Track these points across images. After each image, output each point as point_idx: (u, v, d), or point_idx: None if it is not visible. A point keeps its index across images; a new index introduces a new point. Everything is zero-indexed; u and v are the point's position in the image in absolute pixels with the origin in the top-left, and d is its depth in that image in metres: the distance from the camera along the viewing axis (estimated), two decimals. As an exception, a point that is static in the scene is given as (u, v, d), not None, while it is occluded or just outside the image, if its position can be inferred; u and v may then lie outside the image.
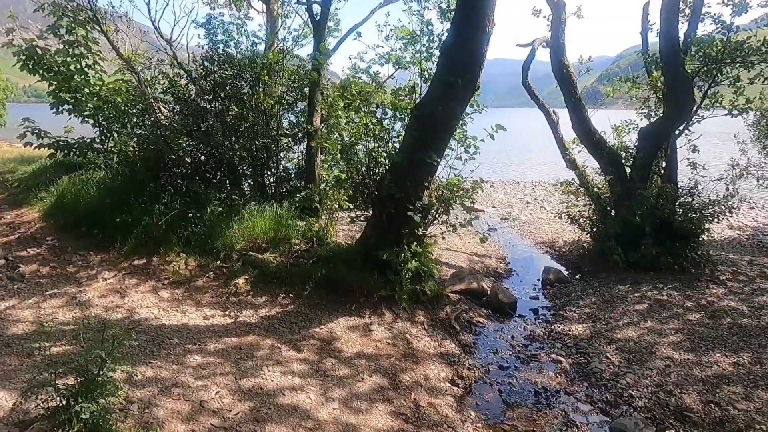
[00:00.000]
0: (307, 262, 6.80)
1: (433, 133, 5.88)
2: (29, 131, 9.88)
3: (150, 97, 9.25)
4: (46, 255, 6.89)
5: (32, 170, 10.42)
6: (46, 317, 5.24)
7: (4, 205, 8.66)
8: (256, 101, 8.36)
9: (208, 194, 7.49)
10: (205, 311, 5.69)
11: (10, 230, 7.61)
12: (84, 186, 8.13)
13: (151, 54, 9.89)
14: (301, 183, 9.03)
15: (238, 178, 8.20)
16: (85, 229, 7.24)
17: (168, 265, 6.73)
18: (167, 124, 7.88)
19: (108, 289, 6.05)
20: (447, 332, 5.81)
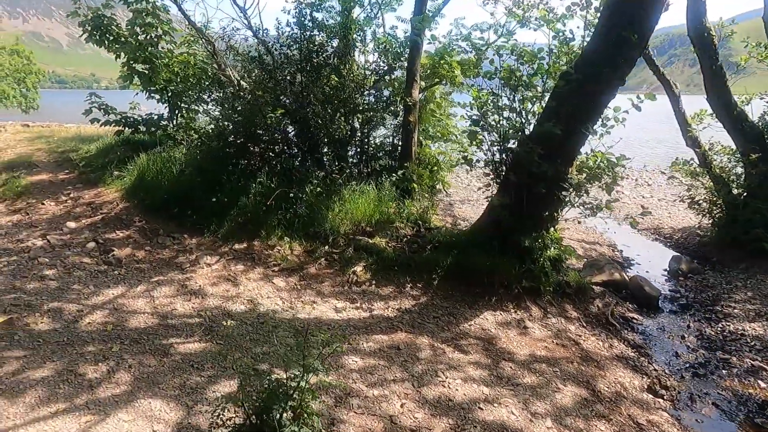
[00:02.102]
0: (425, 248, 6.08)
1: (593, 99, 5.06)
2: (96, 107, 9.33)
3: (227, 68, 8.56)
4: (138, 238, 6.28)
5: (96, 149, 9.83)
6: (163, 308, 4.60)
7: (77, 184, 8.09)
8: (349, 71, 7.59)
9: (307, 173, 6.78)
10: (332, 302, 5.01)
11: (91, 211, 7.02)
12: (165, 164, 7.49)
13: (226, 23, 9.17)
14: (391, 161, 8.27)
15: (341, 156, 7.46)
16: (176, 210, 6.59)
17: (271, 249, 6.07)
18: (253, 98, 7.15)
19: (216, 276, 5.41)
20: (608, 330, 5.04)
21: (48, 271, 5.30)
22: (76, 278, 5.17)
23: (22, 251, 5.80)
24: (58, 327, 4.13)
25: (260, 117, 6.79)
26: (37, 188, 7.89)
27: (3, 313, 4.31)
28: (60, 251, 5.84)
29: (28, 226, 6.59)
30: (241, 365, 3.37)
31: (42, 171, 8.96)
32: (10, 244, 6.02)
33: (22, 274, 5.17)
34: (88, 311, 4.44)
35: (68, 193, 7.62)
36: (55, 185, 8.09)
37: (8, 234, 6.33)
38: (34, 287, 4.89)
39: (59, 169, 9.10)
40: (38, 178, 8.40)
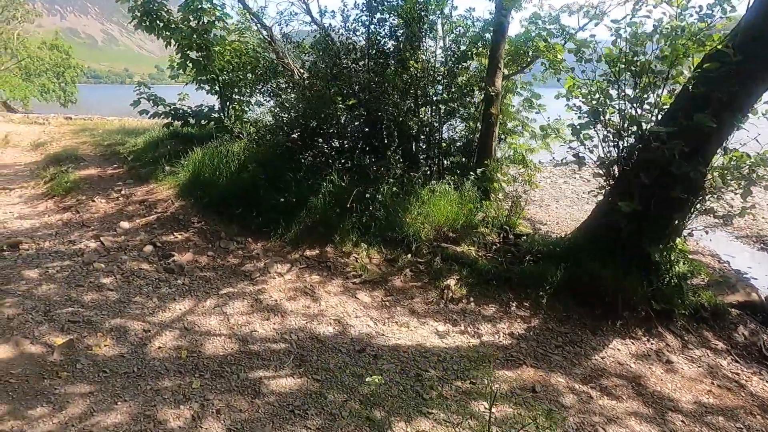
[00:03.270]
0: (522, 259, 5.28)
1: (753, 83, 4.17)
2: (144, 98, 8.81)
3: (285, 56, 7.89)
4: (198, 241, 5.65)
5: (143, 142, 9.33)
6: (241, 329, 3.93)
7: (128, 180, 7.54)
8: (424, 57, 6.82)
9: (382, 170, 6.04)
10: (431, 324, 4.26)
11: (145, 209, 6.44)
12: (222, 159, 6.86)
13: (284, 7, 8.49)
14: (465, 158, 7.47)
15: (418, 152, 6.70)
16: (240, 210, 5.94)
17: (347, 257, 5.36)
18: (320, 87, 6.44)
19: (292, 289, 4.72)
20: (766, 367, 4.16)
21: (105, 279, 4.70)
22: (136, 288, 4.56)
23: (75, 254, 5.23)
24: (124, 352, 3.49)
25: (330, 108, 6.07)
26: (86, 184, 7.38)
27: (61, 331, 3.71)
28: (115, 255, 5.25)
29: (80, 226, 6.04)
30: (351, 412, 2.66)
31: (89, 165, 8.48)
32: (62, 245, 5.47)
33: (78, 283, 4.58)
34: (156, 331, 3.80)
35: (119, 190, 7.07)
36: (105, 181, 7.57)
37: (59, 234, 5.78)
38: (92, 299, 4.28)
39: (107, 164, 8.62)
40: (86, 173, 7.91)
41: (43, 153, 10.09)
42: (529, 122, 7.66)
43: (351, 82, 6.24)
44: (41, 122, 15.17)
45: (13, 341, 3.49)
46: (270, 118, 7.90)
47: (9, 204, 6.91)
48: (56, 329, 3.75)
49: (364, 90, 6.23)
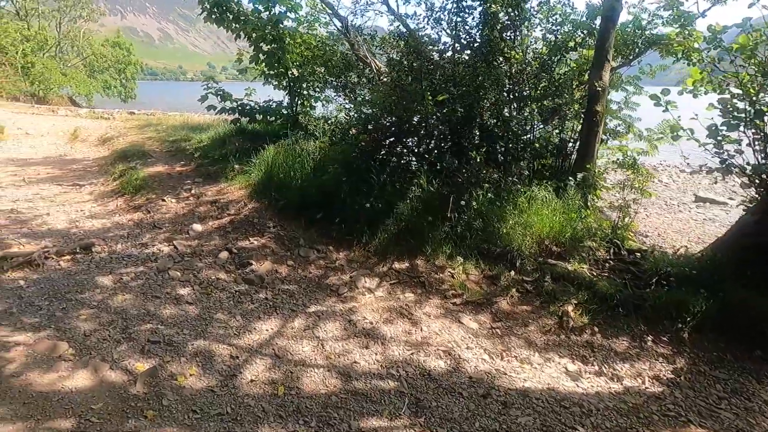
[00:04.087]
0: (647, 281, 4.51)
1: None
2: (212, 93, 8.48)
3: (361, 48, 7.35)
4: (275, 248, 5.19)
5: (208, 138, 9.04)
6: (339, 359, 3.39)
7: (196, 178, 7.22)
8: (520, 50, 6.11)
9: (477, 174, 5.38)
10: (558, 361, 3.59)
11: (217, 211, 6.05)
12: (297, 159, 6.39)
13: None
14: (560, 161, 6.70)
15: (515, 154, 6.01)
16: (321, 215, 5.44)
17: (441, 272, 4.75)
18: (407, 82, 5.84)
19: (385, 309, 4.16)
20: None
21: (182, 289, 4.29)
22: (216, 302, 4.11)
23: (149, 259, 4.87)
24: (213, 385, 3.01)
25: (420, 104, 5.46)
26: (155, 181, 7.10)
27: (142, 354, 3.28)
28: (190, 261, 4.85)
29: (151, 227, 5.71)
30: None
31: (157, 162, 8.24)
32: (134, 249, 5.13)
33: (154, 293, 4.19)
34: (245, 359, 3.31)
35: (189, 189, 6.73)
36: (173, 179, 7.27)
37: (131, 236, 5.46)
38: (171, 314, 3.86)
39: (174, 160, 8.35)
40: (154, 170, 7.64)
41: (110, 148, 10.00)
42: (632, 121, 6.80)
43: (444, 77, 5.60)
44: (106, 117, 15.37)
45: (91, 366, 3.08)
46: (344, 115, 7.40)
47: (80, 201, 6.70)
48: (136, 351, 3.32)
49: (458, 85, 5.58)
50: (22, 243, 5.08)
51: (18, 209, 6.17)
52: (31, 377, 2.94)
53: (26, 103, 22.68)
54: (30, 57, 29.55)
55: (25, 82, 28.62)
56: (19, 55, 28.59)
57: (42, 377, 2.95)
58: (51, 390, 2.84)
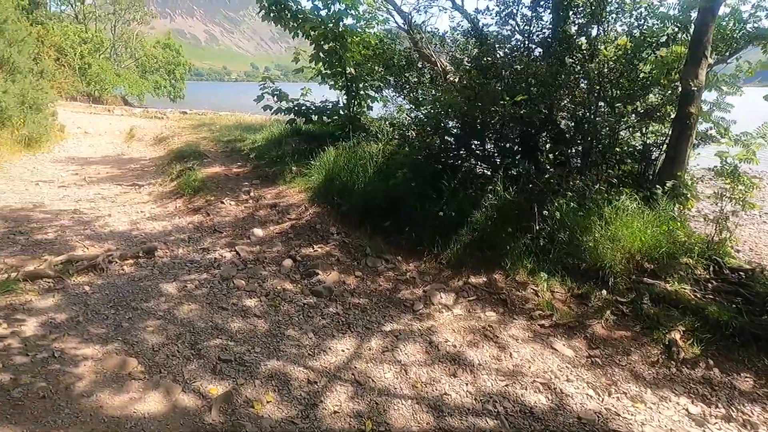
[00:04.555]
0: (764, 305, 3.96)
1: None
2: (268, 93, 8.33)
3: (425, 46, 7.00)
4: (340, 257, 4.90)
5: (263, 139, 8.91)
6: (426, 389, 3.05)
7: (254, 180, 7.04)
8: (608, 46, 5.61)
9: (560, 180, 4.94)
10: (676, 401, 3.12)
11: (277, 215, 5.83)
12: (358, 162, 6.11)
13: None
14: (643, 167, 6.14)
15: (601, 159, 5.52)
16: (389, 223, 5.12)
17: (522, 288, 4.34)
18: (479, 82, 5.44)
19: (467, 329, 3.79)
20: None
21: (248, 300, 4.05)
22: (286, 317, 3.85)
23: (212, 266, 4.68)
24: (293, 416, 2.72)
25: (497, 105, 5.06)
26: (213, 183, 6.97)
27: (213, 374, 3.03)
28: (254, 269, 4.62)
29: (211, 231, 5.53)
30: None
31: (213, 162, 8.14)
32: (196, 254, 4.95)
33: (220, 304, 3.96)
34: (324, 384, 3.02)
35: (247, 191, 6.55)
36: (231, 180, 7.12)
37: (192, 239, 5.30)
38: (240, 328, 3.61)
39: (230, 161, 8.24)
40: (212, 171, 7.53)
41: (166, 148, 10.04)
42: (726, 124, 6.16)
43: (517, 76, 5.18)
44: (160, 117, 15.62)
45: (163, 387, 2.84)
46: (406, 116, 7.07)
47: (140, 202, 6.63)
48: (207, 370, 3.08)
49: (536, 84, 5.15)
50: (86, 245, 4.98)
51: (81, 209, 6.14)
52: (102, 398, 2.73)
53: (84, 103, 23.49)
54: (87, 58, 30.66)
55: (82, 82, 29.72)
56: (77, 56, 29.71)
57: (113, 399, 2.74)
58: (123, 414, 2.62)
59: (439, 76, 6.79)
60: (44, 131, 9.98)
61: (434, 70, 6.93)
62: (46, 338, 3.30)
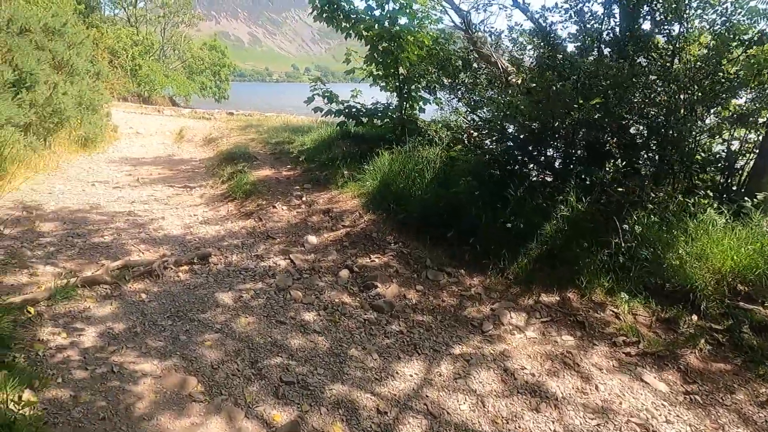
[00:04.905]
0: None
1: None
2: (318, 94, 8.18)
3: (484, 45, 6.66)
4: (399, 268, 4.64)
5: (311, 141, 8.77)
6: (508, 426, 2.75)
7: (305, 184, 6.89)
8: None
9: (641, 190, 4.52)
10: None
11: (331, 222, 5.63)
12: (415, 167, 5.85)
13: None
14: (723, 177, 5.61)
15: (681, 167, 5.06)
16: (452, 233, 4.84)
17: (601, 310, 3.97)
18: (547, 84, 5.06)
19: (544, 355, 3.46)
20: None
21: (307, 314, 3.85)
22: (346, 333, 3.62)
23: (266, 274, 4.51)
24: (366, 452, 2.48)
25: (569, 108, 4.69)
26: (264, 186, 6.85)
27: (276, 398, 2.83)
28: (309, 280, 4.43)
29: (264, 237, 5.39)
30: None
31: (263, 165, 8.05)
32: (250, 261, 4.80)
33: (278, 317, 3.78)
34: (395, 416, 2.77)
35: (299, 196, 6.40)
36: (282, 184, 6.99)
37: (245, 246, 5.17)
38: (300, 346, 3.41)
39: (279, 164, 8.14)
40: (262, 174, 7.43)
41: (215, 149, 10.06)
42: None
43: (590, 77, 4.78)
44: (207, 117, 15.82)
45: (225, 413, 2.66)
46: (464, 119, 6.76)
47: (192, 205, 6.58)
48: (269, 393, 2.89)
49: (613, 86, 4.74)
50: (141, 250, 4.92)
51: (135, 211, 6.13)
52: (163, 422, 2.56)
53: (134, 103, 24.19)
54: (138, 60, 31.67)
55: (133, 83, 30.69)
56: (129, 58, 30.72)
57: (174, 423, 2.57)
58: (185, 442, 2.44)
59: (498, 78, 6.44)
60: (99, 132, 10.18)
61: (493, 71, 6.58)
62: (105, 350, 3.19)
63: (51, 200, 6.36)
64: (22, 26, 8.32)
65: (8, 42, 7.85)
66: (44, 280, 4.03)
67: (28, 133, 7.83)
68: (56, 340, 3.24)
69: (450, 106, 7.60)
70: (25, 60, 7.72)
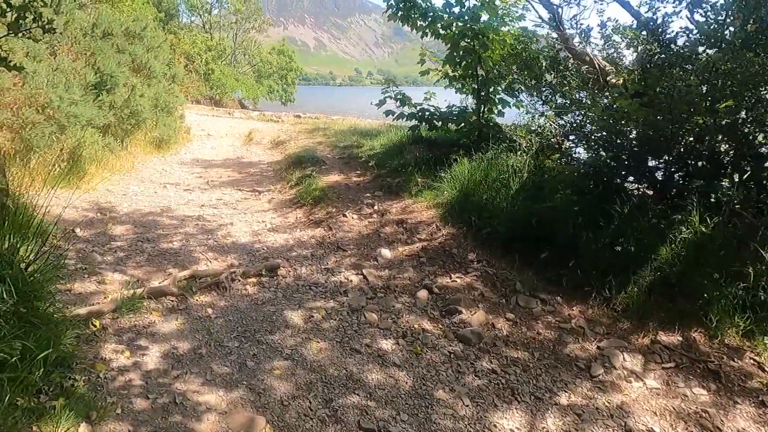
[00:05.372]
0: None
1: None
2: (390, 97, 7.78)
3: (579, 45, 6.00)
4: (484, 290, 4.12)
5: (380, 146, 8.41)
6: None
7: (376, 191, 6.50)
8: None
9: None
10: None
11: (406, 234, 5.19)
12: (499, 176, 5.30)
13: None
14: None
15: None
16: (546, 254, 4.26)
17: (737, 357, 3.28)
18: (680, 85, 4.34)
19: (672, 413, 2.83)
20: None
21: (384, 342, 3.42)
22: (430, 368, 3.16)
23: (338, 291, 4.14)
24: None
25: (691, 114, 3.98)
26: (333, 192, 6.53)
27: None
28: (385, 300, 4.00)
29: (334, 248, 5.03)
30: None
31: (331, 169, 7.76)
32: (320, 274, 4.45)
33: (352, 345, 3.38)
34: (500, 486, 2.25)
35: (371, 204, 6.01)
36: (352, 190, 6.65)
37: (314, 257, 4.83)
38: (379, 382, 2.98)
39: (348, 168, 7.82)
40: (331, 179, 7.13)
41: (283, 152, 9.94)
42: None
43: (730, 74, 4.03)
44: (275, 120, 15.92)
45: (298, 467, 2.26)
46: (551, 124, 6.12)
47: (260, 210, 6.37)
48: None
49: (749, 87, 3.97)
50: (209, 258, 4.70)
51: (204, 216, 5.98)
52: (228, 475, 2.20)
53: (206, 106, 25.02)
54: (211, 64, 32.92)
55: (206, 86, 31.91)
56: (203, 62, 31.98)
57: (240, 476, 2.20)
58: (252, 505, 2.06)
59: (594, 78, 5.75)
60: (173, 133, 10.35)
61: (587, 71, 5.90)
62: (168, 375, 2.91)
63: (124, 202, 6.35)
64: (105, 30, 8.53)
65: (92, 45, 8.04)
66: (111, 288, 3.86)
67: (106, 134, 7.97)
68: (119, 360, 3.00)
69: (534, 110, 6.97)
70: (106, 63, 7.87)
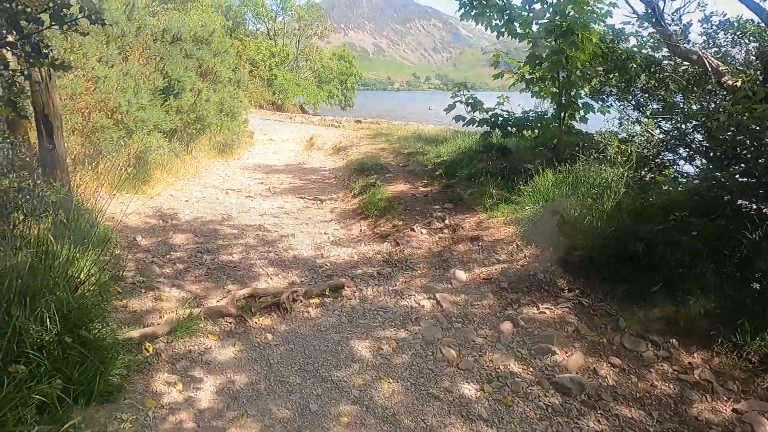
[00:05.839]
0: None
1: None
2: (461, 101, 7.25)
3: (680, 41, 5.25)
4: (580, 327, 3.53)
5: (447, 153, 7.91)
6: None
7: (445, 203, 6.01)
8: None
9: None
10: None
11: (482, 253, 4.66)
12: (589, 190, 4.66)
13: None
14: None
15: None
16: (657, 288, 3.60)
17: None
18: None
19: None
20: None
21: (466, 386, 2.92)
22: (526, 428, 2.62)
23: (408, 318, 3.68)
24: None
25: None
26: (399, 203, 6.10)
27: None
28: (463, 331, 3.50)
29: (403, 267, 4.58)
30: None
31: (395, 178, 7.34)
32: (388, 297, 4.01)
33: (429, 388, 2.91)
34: None
35: (440, 218, 5.52)
36: (419, 202, 6.18)
37: (381, 276, 4.40)
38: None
39: (413, 177, 7.36)
40: (396, 189, 6.70)
41: (345, 158, 9.64)
42: None
43: None
44: (336, 125, 15.77)
45: None
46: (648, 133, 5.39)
47: (323, 221, 6.03)
48: None
49: None
50: (269, 273, 4.38)
51: (265, 225, 5.71)
52: None
53: (269, 110, 25.43)
54: (274, 70, 33.63)
55: (268, 92, 32.61)
56: (266, 68, 32.71)
57: None
58: None
59: (705, 80, 5.00)
60: (237, 138, 10.32)
61: (696, 72, 5.15)
62: (223, 416, 2.55)
63: (186, 208, 6.21)
64: (175, 35, 8.56)
65: (161, 51, 8.07)
66: (168, 306, 3.60)
67: (172, 138, 7.96)
68: (170, 394, 2.68)
69: (625, 115, 6.24)
70: (174, 67, 7.86)
